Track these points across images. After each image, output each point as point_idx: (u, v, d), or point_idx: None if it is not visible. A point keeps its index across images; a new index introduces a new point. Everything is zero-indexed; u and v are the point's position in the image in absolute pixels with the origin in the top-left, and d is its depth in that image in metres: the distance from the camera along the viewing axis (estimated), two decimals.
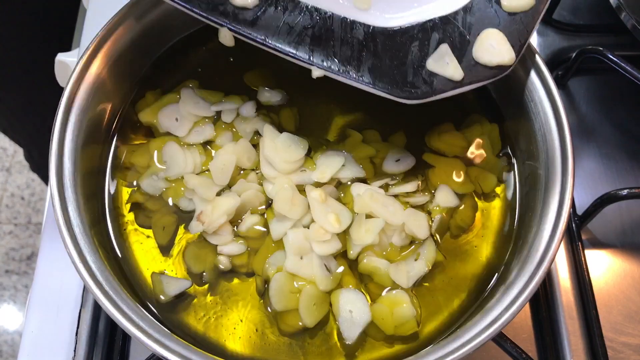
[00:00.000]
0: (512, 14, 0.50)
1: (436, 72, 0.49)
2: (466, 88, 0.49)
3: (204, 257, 0.54)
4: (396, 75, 0.49)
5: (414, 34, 0.50)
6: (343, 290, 0.51)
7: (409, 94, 0.49)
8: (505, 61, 0.49)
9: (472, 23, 0.50)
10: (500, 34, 0.50)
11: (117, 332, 0.57)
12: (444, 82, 0.49)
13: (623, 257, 0.62)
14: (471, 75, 0.49)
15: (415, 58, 0.50)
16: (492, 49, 0.49)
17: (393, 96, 0.48)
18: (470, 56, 0.50)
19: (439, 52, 0.49)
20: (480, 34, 0.50)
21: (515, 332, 0.57)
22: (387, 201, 0.53)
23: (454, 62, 0.49)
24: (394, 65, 0.49)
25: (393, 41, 0.50)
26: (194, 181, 0.55)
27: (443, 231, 0.55)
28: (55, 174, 0.49)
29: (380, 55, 0.49)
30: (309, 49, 0.49)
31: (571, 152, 0.50)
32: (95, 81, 0.54)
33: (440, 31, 0.50)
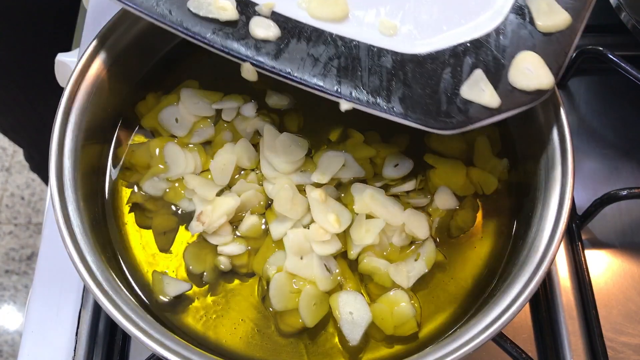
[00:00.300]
0: (548, 34, 0.48)
1: (471, 99, 0.46)
2: (503, 115, 0.46)
3: (204, 257, 0.54)
4: (429, 105, 0.46)
5: (445, 60, 0.48)
6: (341, 293, 0.51)
7: (443, 124, 0.46)
8: (544, 85, 0.47)
9: (506, 45, 0.48)
10: (537, 57, 0.47)
11: (117, 332, 0.57)
12: (480, 110, 0.46)
13: (623, 257, 0.62)
14: (508, 101, 0.46)
15: (448, 85, 0.47)
16: (529, 72, 0.47)
17: (427, 127, 0.46)
18: (507, 81, 0.47)
19: (473, 78, 0.47)
20: (516, 57, 0.47)
21: (515, 332, 0.57)
22: (387, 201, 0.53)
23: (489, 88, 0.46)
24: (426, 94, 0.46)
25: (423, 68, 0.47)
26: (194, 182, 0.55)
27: (443, 231, 0.55)
28: (55, 173, 0.49)
29: (410, 83, 0.47)
30: (336, 80, 0.47)
31: (571, 152, 0.50)
32: (95, 81, 0.54)
33: (472, 55, 0.48)
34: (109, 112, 0.57)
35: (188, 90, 0.59)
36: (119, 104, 0.59)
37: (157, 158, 0.56)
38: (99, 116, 0.56)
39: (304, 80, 0.47)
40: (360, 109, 0.46)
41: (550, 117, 0.52)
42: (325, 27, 0.49)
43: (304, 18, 0.49)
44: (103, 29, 0.55)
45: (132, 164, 0.57)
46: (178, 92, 0.59)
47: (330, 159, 0.55)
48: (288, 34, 0.48)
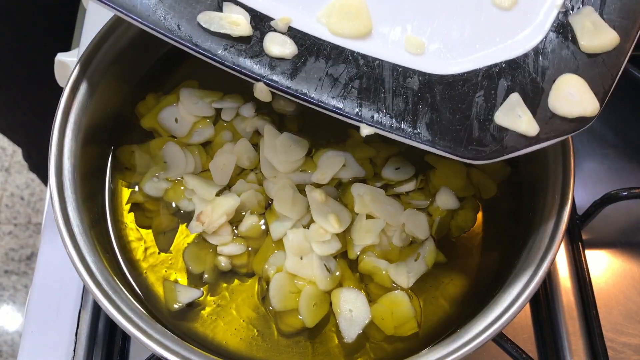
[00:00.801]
0: (593, 55, 0.43)
1: (506, 126, 0.42)
2: (542, 145, 0.42)
3: (203, 257, 0.53)
4: (459, 132, 0.42)
5: (478, 82, 0.43)
6: (344, 289, 0.51)
7: (475, 153, 0.42)
8: (588, 112, 0.42)
9: (545, 67, 0.43)
10: (581, 80, 0.43)
11: (116, 332, 0.57)
12: (516, 139, 0.42)
13: (623, 257, 0.62)
14: (548, 129, 0.42)
15: (481, 110, 0.43)
16: (571, 97, 0.42)
17: (457, 156, 0.42)
18: (546, 107, 0.43)
19: (509, 103, 0.43)
20: (557, 81, 0.43)
21: (515, 332, 0.57)
22: (388, 202, 0.53)
23: (527, 114, 0.42)
24: (456, 120, 0.42)
25: (453, 91, 0.43)
26: (193, 182, 0.55)
27: (444, 232, 0.55)
28: (54, 173, 0.49)
29: (439, 107, 0.43)
30: (357, 103, 0.43)
31: (571, 152, 0.50)
32: (95, 81, 0.54)
33: (508, 78, 0.43)
34: (108, 112, 0.57)
35: (187, 90, 0.59)
36: (118, 104, 0.59)
37: (156, 158, 0.56)
38: (99, 116, 0.56)
39: (322, 102, 0.43)
40: (382, 134, 0.43)
41: None
42: (346, 44, 0.45)
43: (323, 34, 0.46)
44: (103, 29, 0.55)
45: (132, 164, 0.57)
46: (177, 92, 0.59)
47: (330, 159, 0.55)
48: (305, 52, 0.45)
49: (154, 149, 0.57)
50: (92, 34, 0.55)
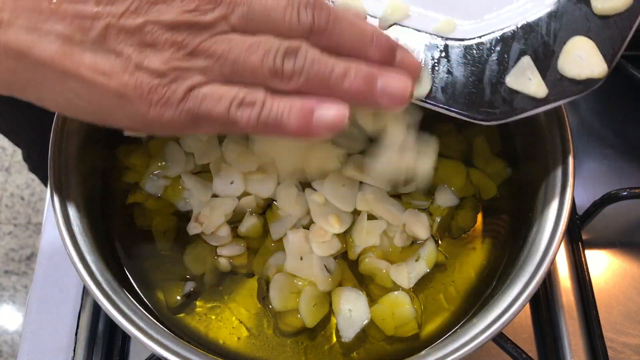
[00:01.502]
0: (605, 17, 0.44)
1: (517, 89, 0.44)
2: (550, 106, 0.44)
3: (203, 258, 0.53)
4: (472, 94, 0.44)
5: (492, 46, 0.45)
6: (345, 288, 0.51)
7: (486, 115, 0.44)
8: (596, 74, 0.43)
9: (557, 29, 0.44)
10: (590, 43, 0.44)
11: (116, 332, 0.57)
12: (526, 101, 0.44)
13: (623, 257, 0.62)
14: (556, 91, 0.44)
15: (494, 74, 0.45)
16: (580, 60, 0.44)
17: (469, 118, 0.45)
18: (556, 69, 0.44)
19: (520, 66, 0.44)
20: (567, 43, 0.44)
21: (515, 332, 0.57)
22: (390, 201, 0.53)
23: (537, 77, 0.44)
24: (469, 83, 0.45)
25: (469, 55, 0.45)
26: (190, 182, 0.55)
27: (444, 232, 0.55)
28: (54, 174, 0.49)
29: (454, 72, 0.45)
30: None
31: (571, 152, 0.50)
32: None
33: (521, 41, 0.45)
34: None
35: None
36: None
37: (156, 157, 0.56)
38: None
39: None
40: None
41: (551, 117, 0.52)
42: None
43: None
44: None
45: (132, 164, 0.57)
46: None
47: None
48: None
49: (154, 148, 0.57)
50: None
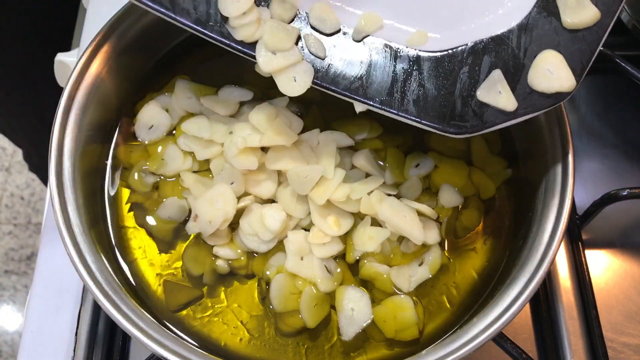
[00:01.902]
0: (574, 31, 0.45)
1: (487, 102, 0.44)
2: (520, 119, 0.45)
3: (202, 259, 0.53)
4: (443, 108, 0.45)
5: (463, 59, 0.45)
6: (349, 287, 0.51)
7: (457, 128, 0.45)
8: (564, 88, 0.44)
9: (528, 43, 0.45)
10: (559, 57, 0.44)
11: (117, 332, 0.57)
12: (495, 114, 0.44)
13: (623, 257, 0.62)
14: (525, 105, 0.44)
15: (465, 87, 0.45)
16: (549, 74, 0.44)
17: (440, 131, 0.45)
18: (525, 83, 0.45)
19: (491, 80, 0.45)
20: (537, 57, 0.45)
21: (515, 332, 0.57)
22: (404, 209, 0.52)
23: (507, 91, 0.44)
24: (440, 96, 0.45)
25: (440, 68, 0.45)
26: (189, 180, 0.54)
27: (449, 233, 0.55)
28: (54, 173, 0.49)
29: (425, 85, 0.45)
30: (350, 81, 0.46)
31: (571, 152, 0.50)
32: (95, 81, 0.54)
33: (492, 54, 0.45)
34: (108, 111, 0.57)
35: (183, 83, 0.59)
36: (118, 103, 0.59)
37: (155, 156, 0.56)
38: (99, 116, 0.56)
39: (320, 83, 0.46)
40: (373, 110, 0.46)
41: (551, 117, 0.52)
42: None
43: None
44: (103, 29, 0.55)
45: (132, 164, 0.57)
46: (174, 83, 0.59)
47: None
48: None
49: (154, 148, 0.57)
50: (92, 34, 0.55)
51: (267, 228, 0.51)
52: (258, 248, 0.52)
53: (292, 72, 0.46)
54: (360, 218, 0.53)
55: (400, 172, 0.55)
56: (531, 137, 0.54)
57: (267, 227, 0.51)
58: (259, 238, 0.52)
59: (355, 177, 0.55)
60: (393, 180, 0.55)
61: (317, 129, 0.56)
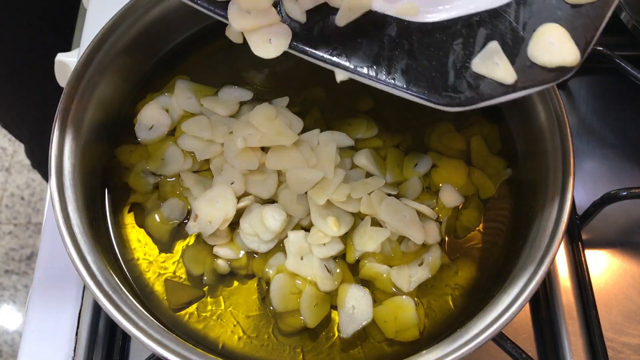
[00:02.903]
0: (577, 5, 0.42)
1: (483, 74, 0.42)
2: (520, 93, 0.42)
3: (202, 259, 0.53)
4: (434, 78, 0.42)
5: (457, 30, 0.43)
6: (352, 285, 0.51)
7: (449, 99, 0.41)
8: (568, 62, 0.41)
9: (527, 17, 0.43)
10: (562, 30, 0.42)
11: (117, 332, 0.57)
12: (493, 87, 0.41)
13: (623, 257, 0.62)
14: (526, 78, 0.41)
15: (458, 58, 0.42)
16: (551, 47, 0.41)
17: (431, 103, 0.42)
18: (525, 56, 0.42)
19: (487, 51, 0.42)
20: (538, 30, 0.42)
21: (515, 332, 0.57)
22: (404, 209, 0.52)
23: (505, 62, 0.42)
24: (432, 67, 0.42)
25: (432, 38, 0.43)
26: (189, 180, 0.55)
27: (450, 233, 0.55)
28: (55, 173, 0.49)
29: (416, 54, 0.42)
30: (332, 48, 0.43)
31: (571, 152, 0.50)
32: (95, 81, 0.54)
33: (488, 26, 0.42)
34: (108, 112, 0.57)
35: (183, 83, 0.59)
36: (118, 103, 0.59)
37: (154, 156, 0.56)
38: (99, 116, 0.56)
39: (296, 45, 0.43)
40: (357, 79, 0.43)
41: (551, 117, 0.52)
42: None
43: None
44: (103, 29, 0.55)
45: (132, 164, 0.57)
46: (174, 84, 0.59)
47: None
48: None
49: (154, 148, 0.57)
50: (92, 34, 0.55)
51: (267, 228, 0.51)
52: (258, 248, 0.52)
53: (267, 34, 0.43)
54: (360, 218, 0.53)
55: (400, 171, 0.55)
56: (531, 137, 0.54)
57: (267, 227, 0.51)
58: (259, 238, 0.52)
59: (355, 177, 0.55)
60: (393, 180, 0.55)
61: (317, 129, 0.56)
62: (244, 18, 0.42)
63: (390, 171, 0.55)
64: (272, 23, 0.43)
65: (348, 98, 0.60)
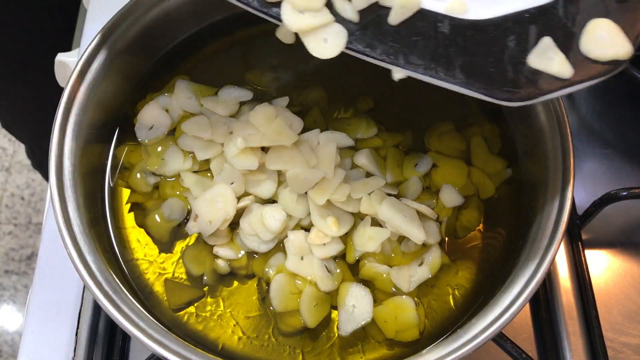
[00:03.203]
0: (623, 1, 0.43)
1: (540, 69, 0.42)
2: (577, 87, 0.42)
3: (202, 259, 0.53)
4: (493, 74, 0.42)
5: (509, 27, 0.43)
6: (354, 284, 0.51)
7: (510, 94, 0.42)
8: (621, 54, 0.41)
9: (575, 13, 0.43)
10: (612, 24, 0.42)
11: (117, 332, 0.57)
12: (551, 81, 0.42)
13: (623, 257, 0.62)
14: (581, 71, 0.42)
15: (514, 53, 0.42)
16: (603, 41, 0.42)
17: (492, 98, 0.42)
18: (578, 50, 0.42)
19: (541, 46, 0.42)
20: (588, 25, 0.42)
21: (515, 332, 0.57)
22: (404, 209, 0.52)
23: (560, 56, 0.42)
24: (489, 63, 0.42)
25: (485, 35, 0.43)
26: (189, 180, 0.54)
27: (450, 233, 0.55)
28: (55, 173, 0.49)
29: (471, 51, 0.42)
30: (389, 46, 0.42)
31: (571, 152, 0.50)
32: (95, 81, 0.54)
33: (539, 23, 0.43)
34: (108, 112, 0.57)
35: (183, 83, 0.59)
36: (118, 103, 0.59)
37: (154, 156, 0.56)
38: (99, 116, 0.56)
39: (356, 47, 0.43)
40: (415, 77, 0.42)
41: (551, 117, 0.52)
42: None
43: None
44: (103, 29, 0.55)
45: (132, 164, 0.57)
46: (174, 84, 0.59)
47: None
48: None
49: (154, 148, 0.57)
50: (92, 34, 0.55)
51: (267, 228, 0.51)
52: (258, 248, 0.52)
53: (322, 34, 0.43)
54: (360, 218, 0.53)
55: (400, 171, 0.55)
56: (531, 137, 0.54)
57: (267, 227, 0.51)
58: (259, 238, 0.52)
59: (356, 177, 0.55)
60: (393, 180, 0.55)
61: (317, 129, 0.56)
62: (299, 18, 0.42)
63: (391, 171, 0.55)
64: (326, 23, 0.43)
65: (348, 98, 0.60)
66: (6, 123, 1.11)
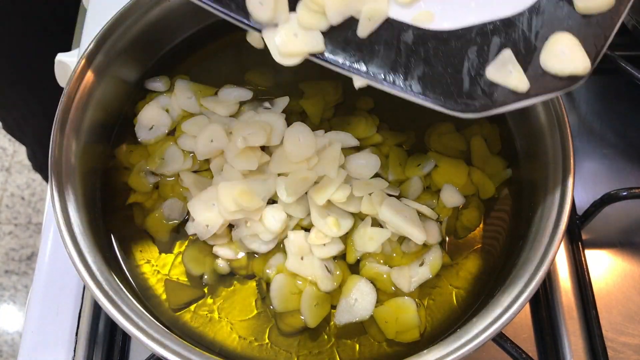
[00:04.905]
0: (587, 16, 0.43)
1: (497, 81, 0.42)
2: (532, 100, 0.42)
3: (202, 259, 0.53)
4: (450, 85, 0.42)
5: (471, 38, 0.44)
6: (363, 279, 0.51)
7: (464, 106, 0.42)
8: (579, 71, 0.42)
9: (539, 26, 0.44)
10: (574, 39, 0.43)
11: (117, 332, 0.57)
12: (506, 94, 0.42)
13: (623, 257, 0.62)
14: (538, 86, 0.42)
15: (473, 65, 0.43)
16: (563, 56, 0.42)
17: (446, 109, 0.42)
18: (537, 64, 0.43)
19: (501, 59, 0.43)
20: (549, 39, 0.43)
21: (515, 332, 0.57)
22: (404, 208, 0.52)
23: (518, 70, 0.42)
24: (447, 74, 0.43)
25: (447, 46, 0.43)
26: (189, 180, 0.54)
27: (450, 233, 0.55)
28: (55, 173, 0.49)
29: (431, 62, 0.43)
30: (350, 55, 0.43)
31: (571, 152, 0.50)
32: (95, 81, 0.54)
33: (502, 35, 0.43)
34: (108, 112, 0.57)
35: (183, 82, 0.59)
36: (118, 103, 0.59)
37: (154, 156, 0.56)
38: (99, 116, 0.56)
39: (318, 55, 0.43)
40: (374, 86, 0.43)
41: (551, 117, 0.52)
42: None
43: None
44: (103, 29, 0.55)
45: (132, 164, 0.57)
46: (174, 83, 0.59)
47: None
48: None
49: (154, 148, 0.57)
50: (92, 34, 0.55)
51: (267, 228, 0.51)
52: (258, 248, 0.52)
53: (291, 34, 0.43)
54: (360, 218, 0.53)
55: (402, 169, 0.55)
56: (531, 137, 0.54)
57: (267, 227, 0.51)
58: (259, 238, 0.52)
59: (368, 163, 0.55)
60: (394, 178, 0.55)
61: (321, 130, 0.56)
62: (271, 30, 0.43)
63: (392, 169, 0.55)
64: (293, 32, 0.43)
65: (348, 98, 0.60)
66: (8, 125, 1.11)
